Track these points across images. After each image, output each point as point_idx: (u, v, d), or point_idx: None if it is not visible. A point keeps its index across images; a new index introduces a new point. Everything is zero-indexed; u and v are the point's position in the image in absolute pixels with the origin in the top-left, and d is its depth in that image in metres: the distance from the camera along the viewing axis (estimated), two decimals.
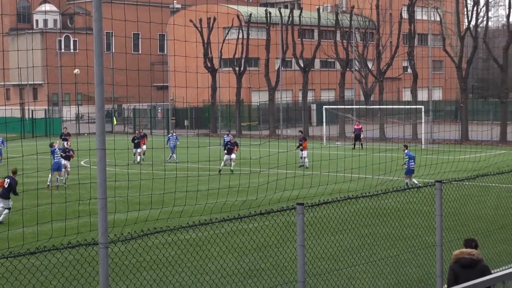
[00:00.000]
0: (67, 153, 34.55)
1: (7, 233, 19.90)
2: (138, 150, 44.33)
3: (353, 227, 20.96)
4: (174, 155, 44.39)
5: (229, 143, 40.39)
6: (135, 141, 44.52)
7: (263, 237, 18.53)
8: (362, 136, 53.78)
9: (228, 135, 44.60)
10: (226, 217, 11.01)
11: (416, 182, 30.98)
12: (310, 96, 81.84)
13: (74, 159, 37.24)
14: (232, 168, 38.69)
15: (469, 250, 10.93)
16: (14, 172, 24.33)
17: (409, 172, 31.49)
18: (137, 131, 44.48)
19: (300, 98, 77.02)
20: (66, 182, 33.65)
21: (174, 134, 46.61)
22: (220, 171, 37.93)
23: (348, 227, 20.43)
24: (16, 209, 24.31)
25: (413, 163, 31.47)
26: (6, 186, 23.85)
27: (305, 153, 38.65)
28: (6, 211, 24.23)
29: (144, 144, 45.07)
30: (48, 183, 32.41)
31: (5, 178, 24.54)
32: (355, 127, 54.52)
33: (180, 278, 15.58)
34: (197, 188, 24.37)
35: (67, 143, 38.03)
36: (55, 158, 32.78)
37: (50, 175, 32.97)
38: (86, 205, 23.42)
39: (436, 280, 12.78)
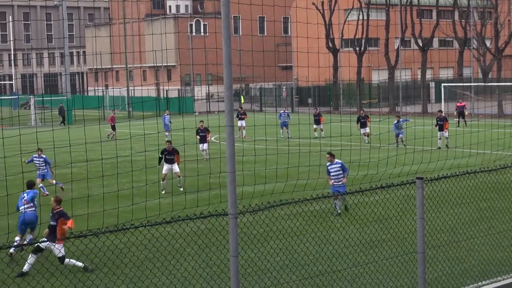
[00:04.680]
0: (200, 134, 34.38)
1: (145, 204, 20.42)
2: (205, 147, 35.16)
3: (471, 200, 20.43)
4: (286, 131, 45.02)
5: (360, 117, 40.39)
6: (200, 134, 35.30)
7: (384, 210, 18.30)
8: (466, 113, 52.22)
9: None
10: (349, 190, 10.91)
11: None
12: (428, 74, 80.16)
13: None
14: (366, 141, 38.46)
15: None
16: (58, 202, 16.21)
17: None
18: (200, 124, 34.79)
19: (419, 76, 75.57)
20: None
21: (286, 111, 46.69)
22: (367, 143, 37.67)
23: (466, 200, 19.94)
24: (153, 181, 24.92)
25: None
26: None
27: (446, 133, 37.18)
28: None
29: (208, 138, 35.32)
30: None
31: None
32: (458, 104, 52.93)
33: (304, 248, 15.60)
34: (319, 162, 24.26)
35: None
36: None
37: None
38: (217, 178, 23.77)
39: None
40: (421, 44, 69.01)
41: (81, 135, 30.79)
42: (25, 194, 17.57)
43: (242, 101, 79.50)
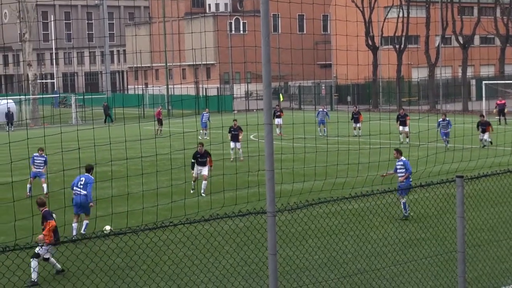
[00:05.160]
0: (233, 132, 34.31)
1: (184, 201, 20.51)
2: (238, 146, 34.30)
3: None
4: (323, 128, 45.12)
5: (399, 116, 40.09)
6: (233, 133, 34.40)
7: (423, 208, 18.19)
8: (506, 110, 51.58)
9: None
10: (387, 188, 10.85)
11: None
12: (469, 71, 79.38)
13: (244, 133, 37.84)
14: (406, 141, 38.17)
15: None
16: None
17: None
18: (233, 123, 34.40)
19: (460, 74, 74.85)
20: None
21: (324, 109, 46.59)
22: (407, 143, 37.36)
23: (507, 199, 19.69)
24: (191, 179, 25.02)
25: None
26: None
27: (486, 135, 36.53)
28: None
29: (241, 137, 34.32)
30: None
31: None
32: (498, 102, 52.30)
33: (343, 246, 15.55)
34: (358, 160, 24.18)
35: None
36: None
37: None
38: (255, 176, 23.81)
39: None
40: (462, 42, 68.34)
41: (121, 133, 31.07)
42: (82, 178, 18.78)
43: (281, 99, 79.53)
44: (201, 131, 44.84)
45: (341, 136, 42.05)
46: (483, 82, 61.24)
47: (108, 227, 17.20)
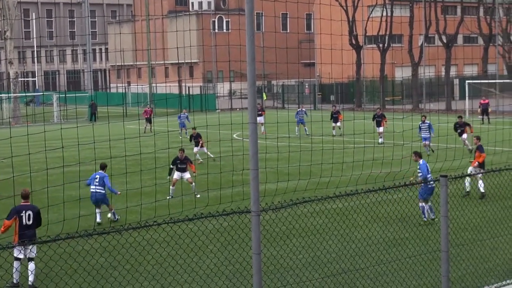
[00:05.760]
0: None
1: (168, 201, 20.50)
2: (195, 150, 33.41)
3: (496, 199, 20.34)
4: (303, 128, 45.14)
5: (376, 115, 40.27)
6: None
7: (407, 208, 18.26)
8: (490, 110, 51.89)
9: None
10: (372, 188, 10.90)
11: None
12: (453, 71, 79.76)
13: (227, 132, 37.87)
14: (379, 141, 38.46)
15: None
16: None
17: None
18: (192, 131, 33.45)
19: (443, 73, 75.18)
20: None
21: (302, 109, 46.64)
22: (380, 143, 37.64)
23: (491, 198, 19.84)
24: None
25: None
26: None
27: (465, 135, 35.95)
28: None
29: (201, 142, 33.20)
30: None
31: None
32: (482, 101, 52.59)
33: (327, 246, 15.60)
34: (343, 160, 24.26)
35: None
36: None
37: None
38: (239, 175, 23.82)
39: None
40: (445, 41, 68.65)
41: (104, 132, 30.98)
42: (97, 176, 20.04)
43: (265, 98, 79.57)
44: (180, 131, 44.88)
45: (325, 135, 42.15)
46: (467, 81, 61.58)
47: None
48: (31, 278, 14.36)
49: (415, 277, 13.94)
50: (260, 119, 46.28)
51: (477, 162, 22.12)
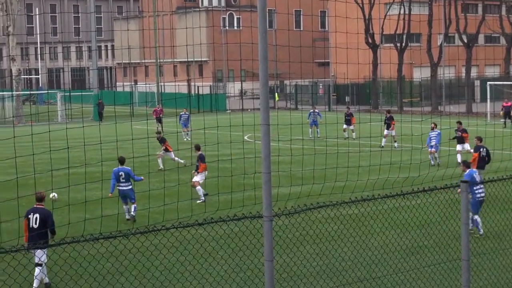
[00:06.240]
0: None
1: (176, 204, 20.53)
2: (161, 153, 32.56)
3: None
4: (315, 130, 45.28)
5: (386, 118, 40.36)
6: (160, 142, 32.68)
7: (426, 214, 18.23)
8: None
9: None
10: (389, 193, 10.89)
11: None
12: (473, 72, 79.58)
13: (238, 133, 37.88)
14: (396, 145, 38.46)
15: None
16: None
17: None
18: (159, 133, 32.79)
19: (463, 74, 75.01)
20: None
21: (315, 110, 46.71)
22: (382, 147, 37.73)
23: None
24: (185, 181, 25.03)
25: None
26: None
27: (467, 145, 35.08)
28: None
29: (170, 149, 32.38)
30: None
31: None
32: (504, 104, 52.46)
33: (342, 253, 15.59)
34: (359, 163, 24.21)
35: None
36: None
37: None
38: (251, 179, 23.83)
39: None
40: (466, 40, 68.50)
41: (110, 132, 31.04)
42: (121, 172, 21.22)
43: (277, 98, 79.58)
44: (182, 132, 45.09)
45: (340, 137, 42.14)
46: (488, 83, 61.40)
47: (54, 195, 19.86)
48: (34, 284, 14.46)
49: (435, 286, 13.92)
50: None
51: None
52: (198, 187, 24.36)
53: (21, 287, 14.16)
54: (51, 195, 21.77)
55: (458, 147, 32.52)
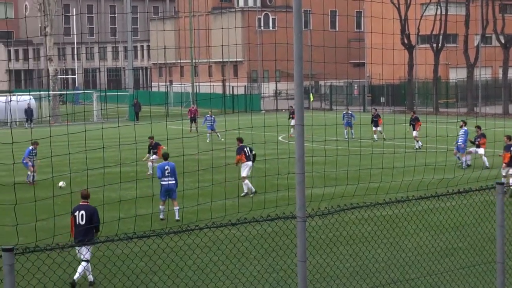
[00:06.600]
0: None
1: (210, 204, 20.60)
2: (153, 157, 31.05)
3: None
4: (350, 131, 45.53)
5: (411, 119, 40.39)
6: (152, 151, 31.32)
7: (461, 216, 18.09)
8: None
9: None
10: (423, 194, 10.84)
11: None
12: (510, 73, 78.74)
13: (273, 134, 37.90)
14: (419, 145, 38.49)
15: None
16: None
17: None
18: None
19: (500, 75, 74.30)
20: None
21: (349, 112, 46.62)
22: (418, 148, 37.53)
23: None
24: (219, 181, 25.09)
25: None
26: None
27: (482, 150, 33.91)
28: None
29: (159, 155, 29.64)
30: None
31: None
32: None
33: (376, 254, 15.54)
34: (393, 165, 24.11)
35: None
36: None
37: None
38: (284, 179, 23.83)
39: None
40: (503, 41, 67.86)
41: (145, 132, 31.19)
42: (167, 166, 21.61)
43: (312, 99, 79.45)
44: (208, 134, 45.43)
45: (374, 139, 41.94)
46: None
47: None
48: (75, 276, 14.81)
49: None
50: (293, 122, 46.24)
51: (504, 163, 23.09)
52: (246, 181, 24.91)
53: (56, 285, 14.29)
54: (60, 183, 22.97)
55: (472, 149, 32.25)
